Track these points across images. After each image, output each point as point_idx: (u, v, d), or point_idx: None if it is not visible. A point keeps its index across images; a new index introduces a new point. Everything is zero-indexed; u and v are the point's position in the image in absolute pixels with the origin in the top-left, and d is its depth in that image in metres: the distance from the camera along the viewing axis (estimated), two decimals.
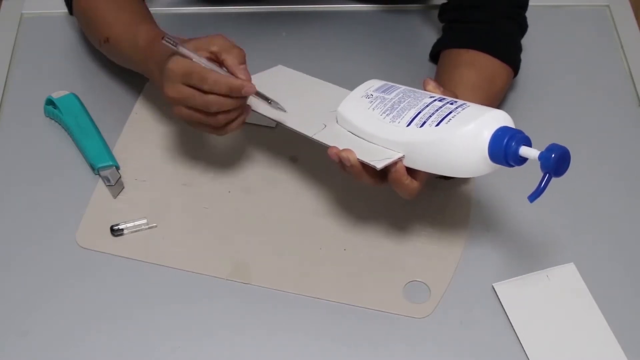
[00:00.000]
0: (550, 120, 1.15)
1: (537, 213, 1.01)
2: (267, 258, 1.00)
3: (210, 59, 0.94)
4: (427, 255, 1.00)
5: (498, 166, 0.87)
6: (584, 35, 1.26)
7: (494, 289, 0.97)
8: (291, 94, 0.99)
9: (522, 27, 1.13)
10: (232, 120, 0.96)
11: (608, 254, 1.01)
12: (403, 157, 0.90)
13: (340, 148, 0.92)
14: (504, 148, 0.84)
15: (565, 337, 0.94)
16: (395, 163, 0.90)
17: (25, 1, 1.28)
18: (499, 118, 0.87)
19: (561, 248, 1.01)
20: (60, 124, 1.12)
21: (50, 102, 1.12)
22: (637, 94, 1.17)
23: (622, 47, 1.23)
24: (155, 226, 1.02)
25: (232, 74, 0.93)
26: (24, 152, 1.10)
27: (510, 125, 0.87)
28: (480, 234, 1.02)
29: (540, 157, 0.83)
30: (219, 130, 0.97)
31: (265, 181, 1.07)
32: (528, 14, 1.13)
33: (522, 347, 0.93)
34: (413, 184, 0.92)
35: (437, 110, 0.89)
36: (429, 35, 1.23)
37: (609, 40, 1.25)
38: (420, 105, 0.91)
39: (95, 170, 1.06)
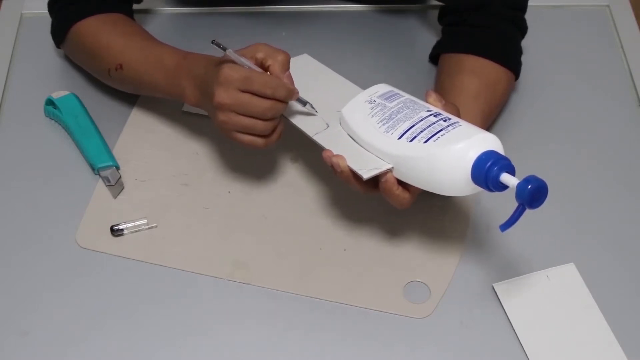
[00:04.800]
0: (550, 120, 1.15)
1: (537, 213, 1.00)
2: (267, 258, 1.00)
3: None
4: (427, 255, 1.00)
5: (480, 189, 0.86)
6: (584, 35, 1.26)
7: (494, 289, 0.97)
8: (306, 87, 0.98)
9: (522, 30, 1.13)
10: (275, 128, 0.96)
11: (608, 254, 1.01)
12: (392, 168, 0.90)
13: (336, 152, 0.92)
14: (486, 172, 0.84)
15: (565, 337, 0.94)
16: (385, 173, 0.90)
17: (25, 1, 1.28)
18: (488, 141, 0.86)
19: (561, 248, 1.01)
20: (60, 124, 1.12)
21: (50, 102, 1.12)
22: (637, 94, 1.17)
23: (622, 47, 1.23)
24: (155, 226, 1.02)
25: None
26: (24, 152, 1.10)
27: (498, 151, 0.86)
28: (480, 234, 1.02)
29: (517, 186, 0.82)
30: (264, 139, 0.95)
31: (265, 181, 1.07)
32: (528, 14, 1.13)
33: (522, 347, 0.93)
34: (404, 195, 0.91)
35: (429, 126, 0.89)
36: (428, 35, 1.23)
37: (609, 40, 1.24)
38: (415, 119, 0.90)
39: (95, 170, 1.06)
